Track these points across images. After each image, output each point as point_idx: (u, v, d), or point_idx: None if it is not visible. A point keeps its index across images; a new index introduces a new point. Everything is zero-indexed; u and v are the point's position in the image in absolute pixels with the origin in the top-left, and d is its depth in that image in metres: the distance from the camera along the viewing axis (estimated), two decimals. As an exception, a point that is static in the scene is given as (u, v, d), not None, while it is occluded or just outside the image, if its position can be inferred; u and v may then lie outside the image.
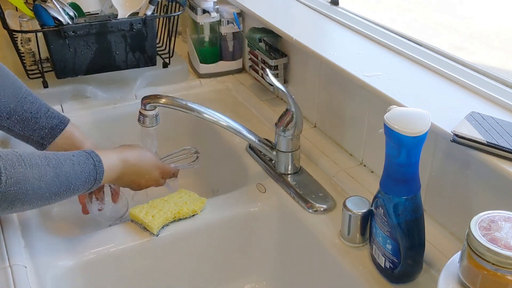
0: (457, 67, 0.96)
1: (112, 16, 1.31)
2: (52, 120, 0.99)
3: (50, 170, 0.79)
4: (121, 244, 0.90)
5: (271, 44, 1.27)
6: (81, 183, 0.83)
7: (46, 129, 0.98)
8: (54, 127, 0.98)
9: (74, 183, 0.82)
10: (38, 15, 1.18)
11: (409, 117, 0.72)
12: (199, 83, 1.39)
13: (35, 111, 0.97)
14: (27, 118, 0.96)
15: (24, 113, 0.96)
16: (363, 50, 1.06)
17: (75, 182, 0.82)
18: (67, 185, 0.81)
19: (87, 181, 0.84)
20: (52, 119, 0.99)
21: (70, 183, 0.82)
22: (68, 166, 0.82)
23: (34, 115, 0.97)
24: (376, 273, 0.81)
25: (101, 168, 0.86)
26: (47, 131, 0.98)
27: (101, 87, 1.30)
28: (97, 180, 0.86)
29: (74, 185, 0.82)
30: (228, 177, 1.19)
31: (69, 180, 0.81)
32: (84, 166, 0.84)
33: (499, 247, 0.56)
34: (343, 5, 1.26)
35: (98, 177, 0.86)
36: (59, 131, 0.99)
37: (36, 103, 0.98)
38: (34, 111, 0.97)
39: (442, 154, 0.84)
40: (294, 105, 0.96)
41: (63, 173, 0.80)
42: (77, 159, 0.84)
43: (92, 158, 0.86)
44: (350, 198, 0.86)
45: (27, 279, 0.80)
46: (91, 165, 0.85)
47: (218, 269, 1.00)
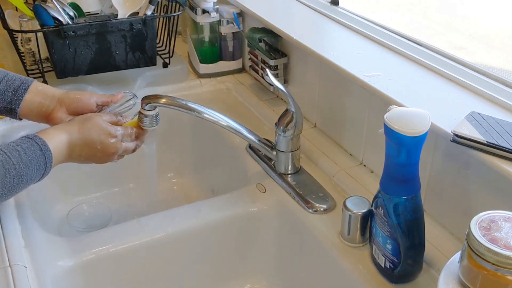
0: (457, 67, 0.96)
1: (112, 16, 1.31)
2: (13, 82, 0.96)
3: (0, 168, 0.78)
4: (121, 244, 0.90)
5: (271, 44, 1.27)
6: (33, 171, 0.82)
7: (9, 92, 0.95)
8: (17, 89, 0.95)
9: (25, 174, 0.81)
10: (38, 15, 1.18)
11: (409, 117, 0.72)
12: (199, 83, 1.39)
13: (12, 88, 0.95)
14: None
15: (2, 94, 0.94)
16: (363, 50, 1.06)
17: (26, 172, 0.81)
18: (19, 177, 0.80)
19: (37, 168, 0.83)
20: (13, 81, 0.96)
21: (21, 174, 0.80)
22: (15, 158, 0.80)
23: None
24: (376, 273, 0.81)
25: (48, 151, 0.84)
26: (11, 94, 0.95)
27: (101, 87, 1.30)
28: (47, 164, 0.84)
29: (26, 175, 0.81)
30: (228, 177, 1.19)
31: (20, 173, 0.80)
32: (31, 153, 0.82)
33: (499, 247, 0.56)
34: (343, 5, 1.26)
35: (48, 160, 0.84)
36: (24, 90, 0.96)
37: (16, 79, 0.96)
38: (11, 89, 0.95)
39: (442, 154, 0.84)
40: (294, 105, 0.96)
41: (12, 167, 0.79)
42: (22, 148, 0.82)
43: (37, 143, 0.84)
44: (350, 198, 0.86)
45: (27, 279, 0.80)
46: (37, 151, 0.83)
47: (218, 269, 1.00)
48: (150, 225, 0.93)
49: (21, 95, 0.95)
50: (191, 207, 1.00)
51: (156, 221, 0.95)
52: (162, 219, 0.95)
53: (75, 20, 1.22)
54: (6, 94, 0.95)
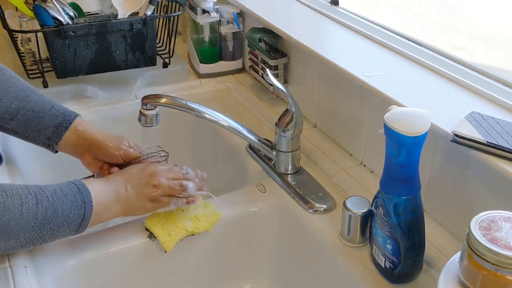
0: (457, 67, 0.96)
1: (112, 16, 1.31)
2: (57, 118, 0.94)
3: (31, 197, 0.75)
4: (121, 244, 0.90)
5: (271, 44, 1.27)
6: (68, 207, 0.78)
7: (50, 128, 0.94)
8: (59, 126, 0.94)
9: (60, 208, 0.77)
10: (38, 15, 1.18)
11: (409, 117, 0.72)
12: (199, 83, 1.39)
13: (38, 109, 0.93)
14: (30, 117, 0.93)
15: (26, 112, 0.92)
16: (363, 50, 1.06)
17: (62, 207, 0.78)
18: (53, 210, 0.77)
19: (74, 205, 0.79)
20: (56, 117, 0.94)
21: (56, 208, 0.77)
22: (49, 191, 0.78)
23: (37, 114, 0.93)
24: (376, 273, 0.81)
25: (86, 190, 0.81)
26: (52, 130, 0.94)
27: (101, 87, 1.30)
28: (86, 203, 0.80)
29: (62, 210, 0.77)
30: (228, 177, 1.19)
31: (54, 205, 0.77)
32: (67, 190, 0.80)
33: (499, 247, 0.56)
34: (343, 5, 1.26)
35: (86, 200, 0.80)
36: (64, 129, 0.94)
37: (40, 101, 0.94)
38: (37, 109, 0.93)
39: (442, 154, 0.84)
40: (294, 105, 0.96)
41: (45, 198, 0.76)
42: (59, 185, 0.80)
43: (74, 183, 0.82)
44: (350, 198, 0.86)
45: (27, 279, 0.80)
46: (74, 188, 0.81)
47: (218, 269, 1.00)
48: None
49: (61, 133, 0.94)
50: (191, 207, 1.00)
51: (156, 221, 0.94)
52: (162, 219, 0.95)
53: (75, 20, 1.22)
54: (47, 130, 0.94)
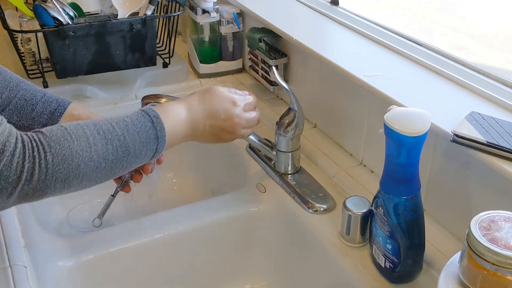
0: (457, 67, 0.96)
1: (112, 16, 1.31)
2: (50, 104, 0.91)
3: (100, 138, 0.72)
4: (121, 244, 0.90)
5: (271, 44, 1.27)
6: (141, 144, 0.76)
7: (45, 115, 0.91)
8: (53, 112, 0.92)
9: (132, 146, 0.75)
10: (38, 15, 1.18)
11: (409, 117, 0.72)
12: (199, 83, 1.39)
13: (30, 97, 0.91)
14: (22, 106, 0.90)
15: (18, 101, 0.90)
16: (363, 50, 1.06)
17: (134, 145, 0.75)
18: (124, 150, 0.74)
19: (147, 142, 0.77)
20: (50, 103, 0.91)
21: (128, 146, 0.75)
22: (120, 128, 0.75)
23: (29, 102, 0.91)
24: (376, 273, 0.81)
25: (160, 124, 0.78)
26: (47, 116, 0.91)
27: (101, 87, 1.30)
28: (159, 138, 0.78)
29: (134, 148, 0.75)
30: (228, 177, 1.19)
31: (125, 144, 0.74)
32: (140, 125, 0.77)
33: (499, 247, 0.56)
34: (343, 5, 1.26)
35: (160, 134, 0.78)
36: (60, 114, 0.92)
37: (30, 90, 0.92)
38: (29, 97, 0.91)
39: (442, 154, 0.84)
40: (297, 104, 0.96)
41: (115, 137, 0.74)
42: (131, 119, 0.77)
43: (148, 115, 0.78)
44: (350, 198, 0.86)
45: (27, 279, 0.80)
46: (148, 122, 0.77)
47: (218, 269, 1.00)
48: (150, 225, 0.93)
49: (56, 119, 0.92)
50: (191, 207, 1.00)
51: (156, 221, 0.95)
52: (162, 219, 0.95)
53: (75, 20, 1.22)
54: (42, 116, 0.91)
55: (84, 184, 0.74)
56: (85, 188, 0.76)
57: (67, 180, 0.70)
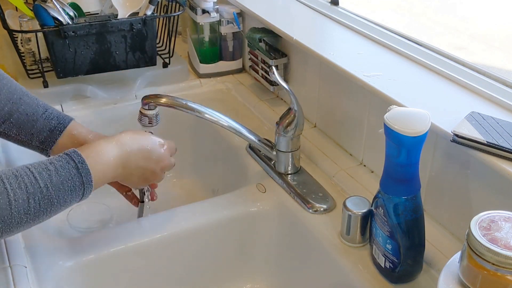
0: (457, 67, 0.96)
1: (112, 16, 1.31)
2: (50, 121, 0.91)
3: (21, 192, 0.70)
4: (121, 244, 0.90)
5: (271, 44, 1.27)
6: (65, 193, 0.74)
7: (44, 132, 0.91)
8: (53, 129, 0.91)
9: (56, 197, 0.73)
10: (38, 15, 1.18)
11: (409, 117, 0.72)
12: (199, 83, 1.39)
13: (31, 112, 0.90)
14: (23, 121, 0.90)
15: (19, 116, 0.89)
16: (363, 50, 1.06)
17: (57, 195, 0.73)
18: (47, 202, 0.73)
19: (72, 189, 0.75)
20: (50, 120, 0.91)
21: (51, 198, 0.73)
22: (43, 180, 0.72)
23: (30, 117, 0.90)
24: (376, 273, 0.81)
25: (85, 169, 0.76)
26: (46, 134, 0.91)
27: (101, 87, 1.30)
28: (85, 183, 0.76)
29: (58, 198, 0.74)
30: (228, 177, 1.19)
31: (48, 196, 0.73)
32: (64, 173, 0.74)
33: (499, 247, 0.56)
34: (343, 5, 1.26)
35: (86, 180, 0.76)
36: (59, 132, 0.91)
37: (33, 104, 0.91)
38: (30, 112, 0.90)
39: (442, 154, 0.84)
40: (297, 104, 0.96)
41: (38, 190, 0.72)
42: (55, 166, 0.75)
43: (73, 160, 0.76)
44: (350, 198, 0.86)
45: (27, 279, 0.80)
46: (72, 169, 0.75)
47: (218, 269, 1.00)
48: (150, 225, 0.93)
49: (55, 137, 0.91)
50: (191, 207, 1.00)
51: (156, 221, 0.95)
52: (162, 219, 0.95)
53: (75, 20, 1.22)
54: (41, 134, 0.90)
55: (5, 236, 0.73)
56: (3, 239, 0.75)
57: None
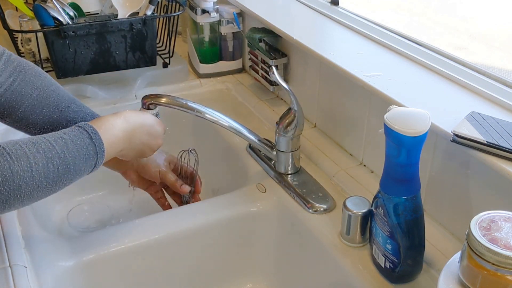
0: (457, 67, 0.96)
1: (112, 16, 1.31)
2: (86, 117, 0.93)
3: (40, 156, 0.72)
4: (121, 244, 0.90)
5: (271, 44, 1.27)
6: (80, 161, 0.76)
7: None
8: None
9: (72, 163, 0.75)
10: (38, 15, 1.18)
11: (409, 117, 0.72)
12: (199, 83, 1.39)
13: (80, 120, 0.90)
14: None
15: (67, 124, 0.90)
16: (363, 50, 1.06)
17: (73, 162, 0.75)
18: (65, 167, 0.74)
19: (86, 158, 0.77)
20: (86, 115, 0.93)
21: (68, 164, 0.74)
22: (60, 146, 0.74)
23: None
24: (376, 273, 0.81)
25: (98, 139, 0.79)
26: None
27: (101, 87, 1.30)
28: (98, 153, 0.78)
29: (74, 165, 0.75)
30: (228, 177, 1.19)
31: (65, 162, 0.74)
32: (79, 141, 0.76)
33: (499, 247, 0.56)
34: (343, 5, 1.26)
35: (99, 149, 0.78)
36: None
37: (81, 112, 0.92)
38: (79, 121, 0.90)
39: (442, 154, 0.84)
40: (297, 104, 0.96)
41: (55, 155, 0.73)
42: (69, 136, 0.76)
43: (86, 131, 0.78)
44: (350, 198, 0.86)
45: (27, 279, 0.80)
46: (86, 139, 0.77)
47: (218, 269, 1.00)
48: (150, 225, 0.93)
49: None
50: (191, 207, 1.00)
51: (156, 221, 0.95)
52: (162, 219, 0.95)
53: (75, 20, 1.22)
54: None
55: (25, 203, 0.74)
56: (24, 206, 0.76)
57: (8, 201, 0.70)
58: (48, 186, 0.73)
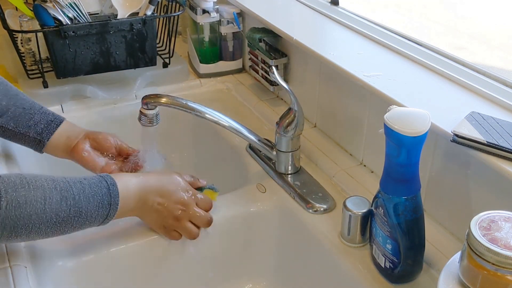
0: (457, 67, 0.96)
1: (112, 16, 1.31)
2: (47, 116, 0.97)
3: (56, 193, 0.74)
4: (121, 244, 0.90)
5: (271, 44, 1.27)
6: (93, 208, 0.77)
7: (42, 124, 0.96)
8: (50, 122, 0.97)
9: (85, 208, 0.76)
10: (38, 15, 1.18)
11: (409, 117, 0.72)
12: (199, 83, 1.39)
13: (28, 106, 0.96)
14: (21, 113, 0.95)
15: (16, 109, 0.95)
16: (363, 50, 1.06)
17: (86, 207, 0.76)
18: (77, 210, 0.75)
19: (100, 206, 0.78)
20: (47, 115, 0.97)
21: (80, 207, 0.76)
22: (77, 189, 0.76)
23: (27, 111, 0.95)
24: (376, 273, 0.81)
25: (115, 191, 0.80)
26: (43, 126, 0.96)
27: (101, 87, 1.30)
28: (112, 204, 0.79)
29: (86, 210, 0.76)
30: (228, 177, 1.19)
31: (79, 205, 0.76)
32: (96, 189, 0.78)
33: (499, 247, 0.56)
34: (343, 5, 1.26)
35: (113, 201, 0.79)
36: (56, 125, 0.97)
37: (29, 100, 0.97)
38: (27, 106, 0.96)
39: (442, 154, 0.84)
40: (297, 104, 0.96)
41: (71, 196, 0.75)
42: (88, 182, 0.78)
43: (106, 181, 0.80)
44: (350, 198, 0.86)
45: (27, 279, 0.80)
46: (104, 188, 0.79)
47: (218, 269, 1.00)
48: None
49: (53, 128, 0.97)
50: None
51: (156, 221, 0.94)
52: (162, 219, 0.95)
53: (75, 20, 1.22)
54: (38, 125, 0.96)
55: (32, 237, 0.75)
56: (29, 240, 0.77)
57: (15, 228, 0.71)
58: (57, 224, 0.75)
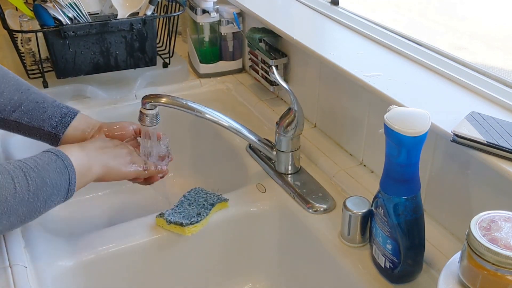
0: (457, 67, 0.96)
1: (112, 16, 1.31)
2: (61, 109, 0.95)
3: (18, 171, 0.75)
4: (121, 244, 0.90)
5: (271, 44, 1.27)
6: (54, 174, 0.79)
7: (56, 118, 0.94)
8: (64, 115, 0.95)
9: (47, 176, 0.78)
10: (38, 15, 1.18)
11: (409, 117, 0.72)
12: (199, 83, 1.39)
13: (41, 100, 0.94)
14: (34, 108, 0.93)
15: (29, 103, 0.93)
16: (363, 50, 1.06)
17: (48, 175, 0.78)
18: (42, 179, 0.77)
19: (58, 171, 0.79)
20: (61, 108, 0.96)
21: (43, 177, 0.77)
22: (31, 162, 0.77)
23: (40, 105, 0.94)
24: (376, 273, 0.81)
25: (63, 154, 0.81)
26: (57, 119, 0.94)
27: (101, 87, 1.30)
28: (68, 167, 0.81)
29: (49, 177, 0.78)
30: (228, 177, 1.19)
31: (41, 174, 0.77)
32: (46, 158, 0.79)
33: (499, 247, 0.56)
34: (343, 5, 1.26)
35: (67, 164, 0.81)
36: (70, 118, 0.95)
37: (41, 94, 0.96)
38: (40, 100, 0.94)
39: (442, 154, 0.84)
40: (297, 104, 0.96)
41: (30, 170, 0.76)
42: (36, 156, 0.79)
43: (49, 151, 0.81)
44: (350, 198, 0.86)
45: (27, 279, 0.80)
46: (52, 156, 0.80)
47: (218, 269, 1.00)
48: (150, 225, 0.93)
49: (68, 121, 0.95)
50: (191, 207, 1.00)
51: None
52: (162, 219, 0.95)
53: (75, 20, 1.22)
54: (53, 119, 0.94)
55: (12, 221, 0.75)
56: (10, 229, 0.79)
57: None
58: (30, 199, 0.76)
